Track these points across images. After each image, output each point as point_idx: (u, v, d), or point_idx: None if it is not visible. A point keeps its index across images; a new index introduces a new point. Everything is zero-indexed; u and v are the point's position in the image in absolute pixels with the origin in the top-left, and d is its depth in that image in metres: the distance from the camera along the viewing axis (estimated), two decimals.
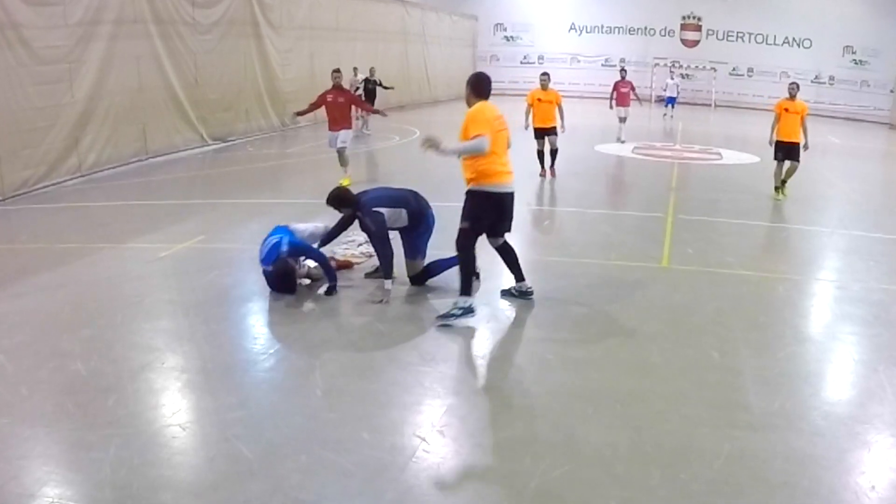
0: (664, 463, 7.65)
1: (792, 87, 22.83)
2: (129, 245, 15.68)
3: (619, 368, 10.21)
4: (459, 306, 11.51)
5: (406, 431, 8.45)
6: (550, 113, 24.19)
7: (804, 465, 7.59)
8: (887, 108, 52.48)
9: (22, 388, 9.34)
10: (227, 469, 7.57)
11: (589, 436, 8.24)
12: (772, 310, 12.61)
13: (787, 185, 22.15)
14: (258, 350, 10.79)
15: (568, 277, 14.07)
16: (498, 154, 11.67)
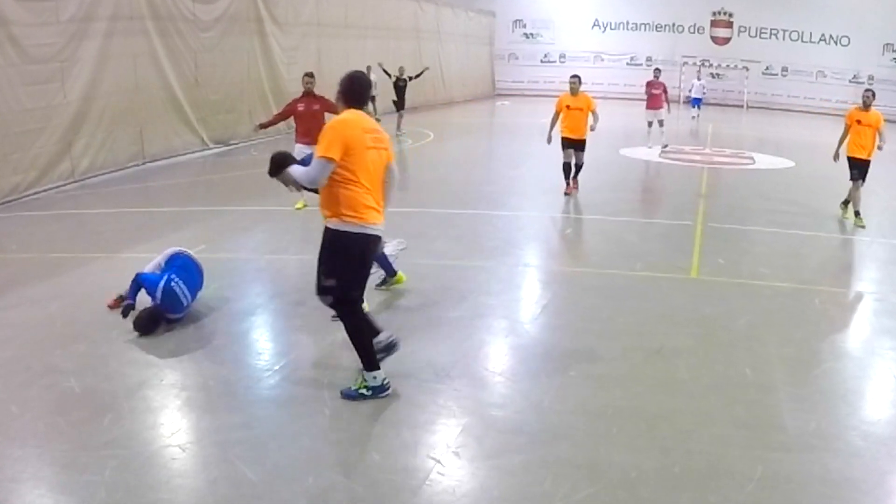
0: (693, 486, 7.65)
1: (866, 95, 20.64)
2: (126, 255, 15.69)
3: (644, 385, 10.19)
4: (368, 385, 9.68)
5: (419, 452, 8.46)
6: (581, 122, 22.78)
7: (842, 488, 7.58)
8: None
9: (12, 406, 9.37)
10: (229, 493, 7.59)
11: (613, 457, 8.22)
12: (807, 324, 12.59)
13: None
14: (262, 366, 10.81)
15: (591, 289, 14.07)
16: (365, 183, 9.56)
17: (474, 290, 13.81)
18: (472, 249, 16.57)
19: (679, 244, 17.16)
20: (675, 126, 31.67)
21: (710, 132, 39.63)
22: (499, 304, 13.37)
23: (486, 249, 16.60)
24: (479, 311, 12.89)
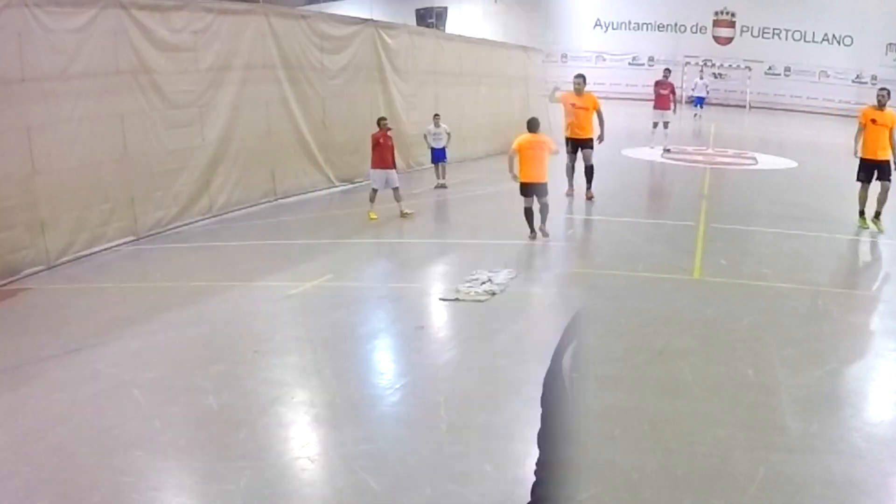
0: (695, 487, 7.57)
1: (882, 94, 19.31)
2: (259, 283, 15.89)
3: (647, 387, 10.13)
4: None
5: (528, 464, 8.31)
6: (587, 121, 22.74)
7: (844, 490, 7.46)
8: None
9: (156, 421, 9.51)
10: (354, 501, 7.64)
11: (616, 458, 8.16)
12: (810, 325, 12.40)
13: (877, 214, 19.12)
14: (384, 385, 10.87)
15: (593, 290, 14.01)
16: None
17: None
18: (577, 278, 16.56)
19: (681, 245, 16.94)
20: (678, 126, 31.02)
21: (712, 132, 38.91)
22: (600, 328, 13.30)
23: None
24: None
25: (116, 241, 19.20)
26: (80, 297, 15.45)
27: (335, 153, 29.01)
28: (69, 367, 11.33)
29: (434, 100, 34.75)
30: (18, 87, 16.45)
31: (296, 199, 26.40)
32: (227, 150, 23.38)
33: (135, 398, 10.22)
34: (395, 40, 33.11)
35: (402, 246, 19.68)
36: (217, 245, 19.89)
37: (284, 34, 26.09)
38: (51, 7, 17.37)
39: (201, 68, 22.30)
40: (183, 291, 15.41)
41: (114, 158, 19.17)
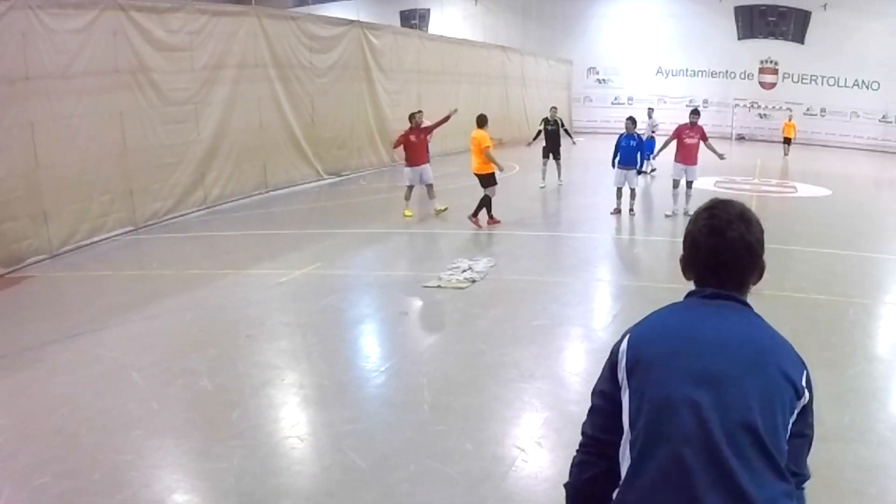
0: None
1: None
2: (251, 271, 15.86)
3: None
4: None
5: (506, 443, 8.44)
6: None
7: (872, 474, 7.46)
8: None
9: (153, 402, 9.47)
10: (341, 478, 7.60)
11: None
12: (842, 331, 12.37)
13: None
14: (370, 368, 10.82)
15: (656, 302, 13.67)
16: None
17: (554, 301, 13.75)
18: (552, 266, 16.53)
19: None
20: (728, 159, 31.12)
21: (758, 164, 39.16)
22: (575, 314, 13.30)
23: (563, 266, 16.54)
24: (558, 320, 12.80)
25: (116, 231, 19.22)
26: (81, 285, 15.39)
27: (323, 148, 29.11)
28: (71, 351, 11.29)
29: (417, 97, 34.85)
30: (22, 85, 16.45)
31: (286, 192, 26.42)
32: (221, 145, 23.41)
33: (133, 380, 10.17)
34: (380, 40, 33.25)
35: (387, 236, 19.63)
36: (211, 235, 19.83)
37: (275, 35, 26.18)
38: (53, 9, 17.42)
39: (196, 67, 22.33)
40: (179, 279, 15.37)
41: (113, 153, 19.19)
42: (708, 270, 3.28)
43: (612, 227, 21.36)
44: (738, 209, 3.27)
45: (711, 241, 3.24)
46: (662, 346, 3.13)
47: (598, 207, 23.49)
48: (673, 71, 60.05)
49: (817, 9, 55.69)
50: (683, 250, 3.39)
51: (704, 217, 3.30)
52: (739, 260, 3.23)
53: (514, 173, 32.02)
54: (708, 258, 3.26)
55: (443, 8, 62.04)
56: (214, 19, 23.25)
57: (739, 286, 3.28)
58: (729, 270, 3.25)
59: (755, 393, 2.99)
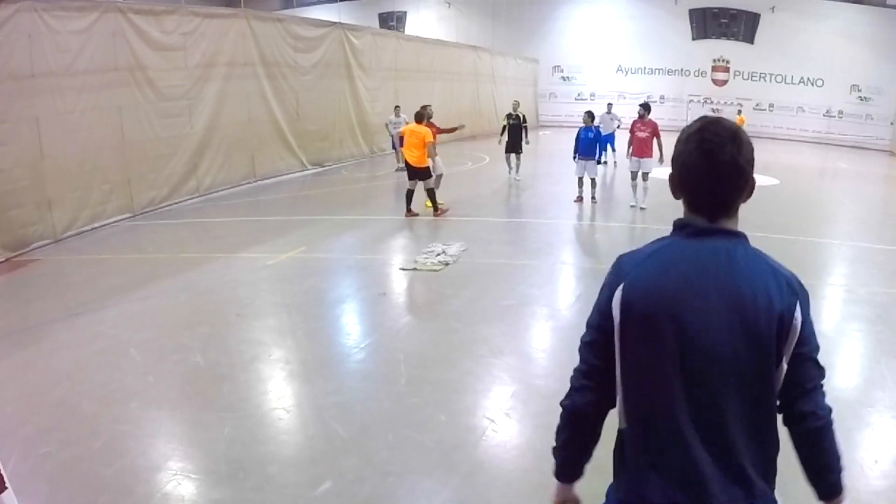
0: None
1: None
2: (241, 255, 15.80)
3: None
4: None
5: (478, 414, 8.46)
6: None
7: None
8: (888, 138, 52.39)
9: (150, 376, 9.45)
10: (324, 446, 7.60)
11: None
12: None
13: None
14: (351, 344, 10.83)
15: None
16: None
17: (521, 283, 13.76)
18: (520, 250, 16.52)
19: None
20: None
21: None
22: (541, 294, 13.31)
23: (530, 250, 16.52)
24: (525, 300, 12.81)
25: (115, 217, 19.17)
26: (83, 267, 15.32)
27: (307, 140, 29.11)
28: (73, 329, 11.25)
29: (395, 93, 34.90)
30: (28, 82, 16.41)
31: (272, 181, 26.36)
32: (213, 138, 23.38)
33: (131, 356, 10.15)
34: (360, 41, 33.20)
35: (367, 222, 19.61)
36: (204, 221, 19.75)
37: (263, 35, 26.14)
38: (57, 11, 17.41)
39: (190, 65, 22.28)
40: (174, 262, 15.30)
41: (112, 145, 19.15)
42: (698, 193, 3.17)
43: (575, 213, 21.36)
44: (729, 129, 3.12)
45: (703, 164, 3.09)
46: (654, 302, 3.06)
47: (562, 196, 23.52)
48: (632, 69, 60.16)
49: (766, 11, 56.17)
50: (673, 171, 3.24)
51: (695, 139, 3.13)
52: (730, 183, 3.11)
53: (485, 164, 32.06)
54: (699, 181, 3.13)
55: (418, 11, 61.96)
56: (206, 21, 23.22)
57: (729, 208, 3.18)
58: (720, 193, 3.14)
59: (742, 340, 3.00)
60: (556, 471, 3.62)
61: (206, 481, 7.02)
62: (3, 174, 15.86)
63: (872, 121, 54.33)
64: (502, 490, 6.88)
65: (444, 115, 38.38)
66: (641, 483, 3.17)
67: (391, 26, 59.34)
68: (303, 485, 6.93)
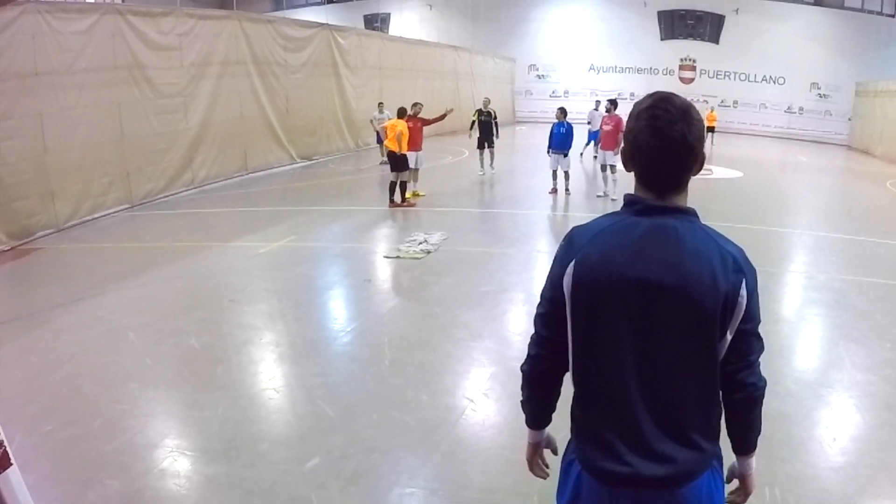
0: None
1: None
2: (234, 244, 15.76)
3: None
4: None
5: (458, 394, 8.50)
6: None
7: (779, 421, 7.52)
8: (845, 133, 52.99)
9: (147, 359, 9.44)
10: (312, 425, 7.62)
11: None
12: None
13: None
14: (338, 328, 10.84)
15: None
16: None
17: (499, 270, 13.78)
18: (498, 239, 16.53)
19: None
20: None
21: None
22: (518, 281, 13.33)
23: (507, 239, 16.52)
24: (503, 286, 12.84)
25: (114, 208, 19.11)
26: (84, 255, 15.28)
27: (296, 135, 29.11)
28: (75, 314, 11.21)
29: (379, 90, 34.88)
30: (32, 80, 16.37)
31: (263, 174, 26.31)
32: (207, 133, 23.35)
33: (130, 339, 10.13)
34: (346, 41, 33.17)
35: (353, 212, 19.61)
36: (198, 212, 19.70)
37: (254, 36, 26.11)
38: (59, 13, 17.40)
39: (185, 64, 22.25)
40: (170, 250, 15.25)
41: (112, 139, 19.10)
42: (648, 169, 3.14)
43: (549, 205, 21.39)
44: (680, 107, 3.08)
45: (653, 142, 3.05)
46: (603, 277, 3.07)
47: (537, 188, 23.53)
48: (603, 67, 60.30)
49: (730, 13, 56.70)
50: (625, 145, 3.19)
51: (646, 116, 3.09)
52: (680, 160, 3.08)
53: (464, 158, 32.04)
54: (649, 158, 3.10)
55: (402, 12, 61.92)
56: (201, 22, 23.17)
57: (678, 183, 3.15)
58: (669, 170, 3.11)
59: (687, 316, 3.02)
60: (526, 420, 3.72)
61: (201, 458, 7.02)
62: (9, 167, 15.82)
63: (831, 117, 54.87)
64: (481, 466, 6.91)
65: (427, 111, 38.40)
66: (588, 445, 3.26)
67: (376, 27, 59.30)
68: (292, 461, 6.94)
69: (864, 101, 50.03)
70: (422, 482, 6.63)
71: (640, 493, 3.15)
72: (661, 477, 3.10)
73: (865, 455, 7.22)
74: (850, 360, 9.77)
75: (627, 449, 3.12)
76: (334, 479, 6.63)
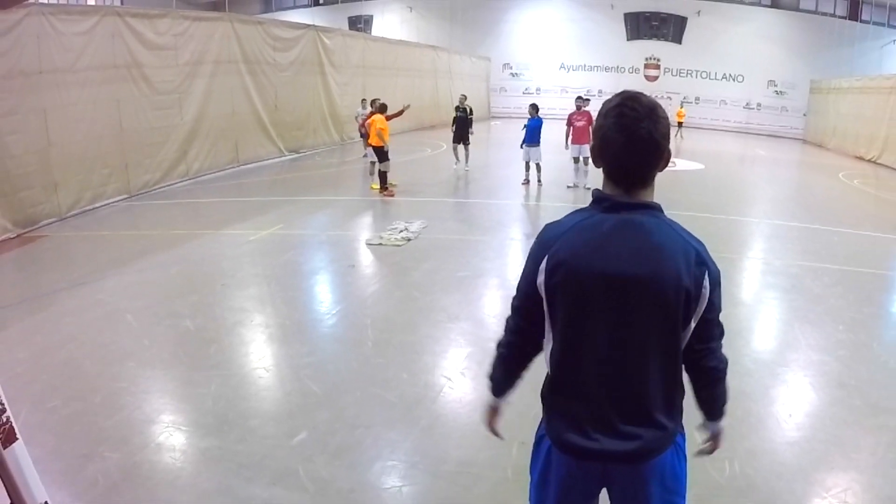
0: None
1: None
2: (225, 232, 15.71)
3: None
4: None
5: (436, 373, 8.50)
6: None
7: (738, 399, 7.55)
8: (801, 128, 53.56)
9: (144, 339, 9.42)
10: (300, 401, 7.62)
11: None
12: None
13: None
14: (323, 311, 10.83)
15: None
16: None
17: (475, 256, 13.79)
18: (474, 227, 16.54)
19: None
20: None
21: None
22: (493, 266, 13.36)
23: (483, 227, 16.54)
24: (478, 271, 12.85)
25: (113, 198, 19.03)
26: (85, 243, 15.21)
27: (284, 129, 29.10)
28: (76, 297, 11.17)
29: (362, 88, 34.85)
30: (37, 78, 16.31)
31: (254, 166, 26.23)
32: (201, 127, 23.29)
33: (128, 321, 10.10)
34: (331, 41, 33.12)
35: (337, 202, 19.58)
36: (193, 201, 19.63)
37: (245, 36, 26.06)
38: (62, 15, 17.41)
39: (180, 63, 22.17)
40: (166, 238, 15.19)
41: (111, 133, 19.03)
42: (616, 165, 3.15)
43: (522, 195, 21.41)
44: (647, 106, 3.10)
45: (620, 138, 3.06)
46: (574, 272, 3.10)
47: (511, 179, 23.55)
48: (573, 66, 60.36)
49: (692, 15, 57.08)
50: (594, 141, 3.21)
51: (614, 114, 3.11)
52: (646, 157, 3.10)
53: (442, 151, 32.02)
54: (616, 154, 3.11)
55: (383, 14, 61.81)
56: (195, 23, 23.09)
57: (645, 179, 3.17)
58: (636, 166, 3.12)
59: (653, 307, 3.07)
60: (491, 388, 4.00)
61: (195, 433, 7.02)
62: (15, 160, 15.75)
63: (787, 112, 55.32)
64: (458, 441, 6.93)
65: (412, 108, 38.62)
66: (559, 423, 3.34)
67: (359, 28, 59.12)
68: (281, 436, 6.95)
69: (817, 97, 50.47)
70: (402, 456, 6.65)
71: (606, 467, 3.25)
72: (627, 452, 3.18)
73: (819, 430, 7.29)
74: (805, 342, 9.85)
75: (595, 428, 3.19)
76: (320, 452, 6.64)
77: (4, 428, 3.20)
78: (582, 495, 3.40)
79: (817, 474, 6.49)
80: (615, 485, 3.33)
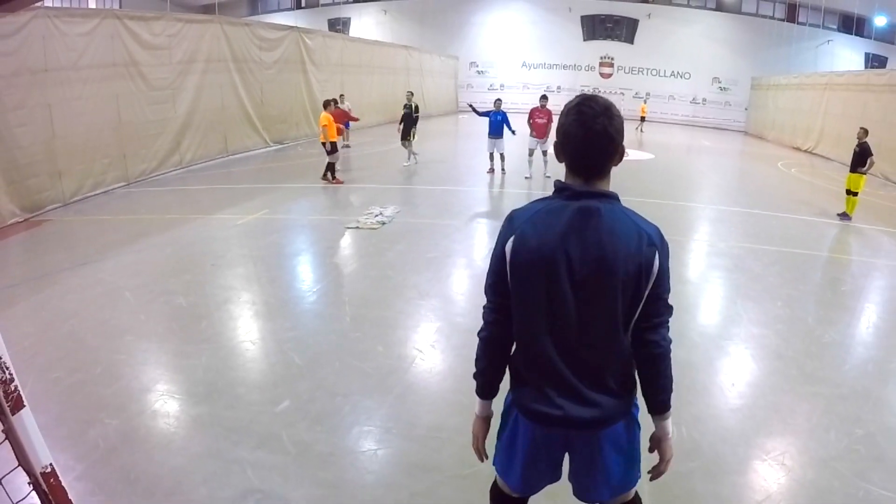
0: None
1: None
2: (215, 216, 15.63)
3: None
4: None
5: (408, 346, 8.54)
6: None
7: (685, 369, 7.64)
8: (743, 121, 54.13)
9: (141, 315, 9.39)
10: (283, 372, 7.63)
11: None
12: None
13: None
14: (305, 289, 10.81)
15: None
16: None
17: (444, 238, 13.81)
18: (443, 212, 16.51)
19: None
20: None
21: None
22: (460, 248, 13.35)
23: (451, 212, 16.52)
24: (447, 252, 12.86)
25: (113, 185, 18.91)
26: (87, 226, 15.09)
27: (269, 122, 29.06)
28: (79, 276, 11.10)
29: (341, 84, 34.77)
30: (42, 75, 16.22)
31: (242, 156, 26.10)
32: (193, 120, 23.17)
33: (126, 298, 10.06)
34: (312, 41, 33.00)
35: (318, 189, 19.50)
36: (185, 188, 19.51)
37: (234, 37, 25.94)
38: (66, 17, 17.38)
39: (174, 61, 22.04)
40: (161, 222, 15.10)
41: (111, 126, 18.92)
42: (576, 156, 3.22)
43: (487, 183, 21.41)
44: (602, 104, 3.18)
45: (580, 133, 3.14)
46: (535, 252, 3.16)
47: (477, 168, 23.57)
48: (534, 64, 60.41)
49: (643, 18, 57.54)
50: (557, 138, 3.27)
51: (574, 112, 3.18)
52: (602, 149, 3.17)
53: (413, 142, 31.98)
54: (576, 146, 3.19)
55: (360, 17, 61.63)
56: (187, 25, 22.93)
57: (602, 170, 3.25)
58: (593, 157, 3.21)
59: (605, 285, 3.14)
60: (478, 389, 3.72)
61: (188, 401, 7.02)
62: (23, 150, 15.67)
63: (730, 107, 55.88)
64: (429, 408, 6.96)
65: (381, 103, 38.77)
66: (525, 392, 3.39)
67: (338, 29, 59.00)
68: (266, 403, 6.96)
69: (758, 93, 50.90)
70: (378, 422, 6.67)
71: (568, 433, 3.33)
72: (587, 419, 3.26)
73: (760, 398, 7.39)
74: (746, 316, 9.98)
75: (559, 395, 3.26)
76: (302, 419, 6.65)
77: (13, 396, 3.20)
78: (547, 461, 3.48)
79: (758, 438, 6.57)
80: (575, 451, 3.42)
